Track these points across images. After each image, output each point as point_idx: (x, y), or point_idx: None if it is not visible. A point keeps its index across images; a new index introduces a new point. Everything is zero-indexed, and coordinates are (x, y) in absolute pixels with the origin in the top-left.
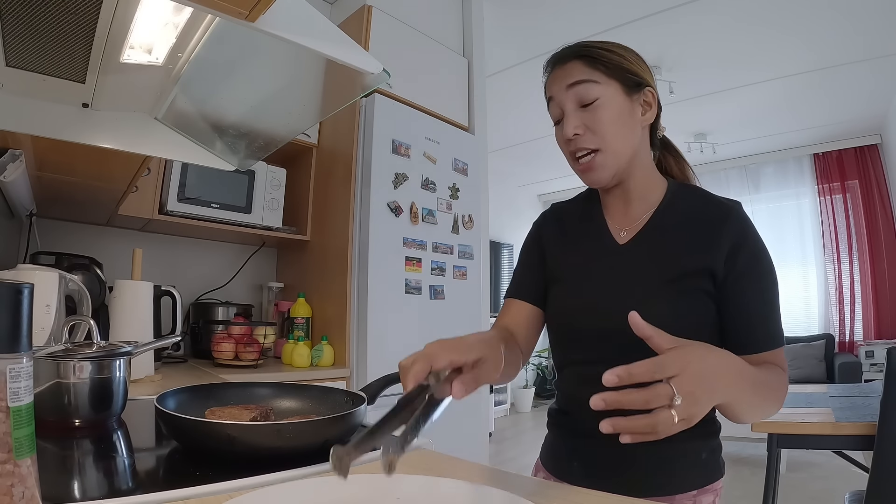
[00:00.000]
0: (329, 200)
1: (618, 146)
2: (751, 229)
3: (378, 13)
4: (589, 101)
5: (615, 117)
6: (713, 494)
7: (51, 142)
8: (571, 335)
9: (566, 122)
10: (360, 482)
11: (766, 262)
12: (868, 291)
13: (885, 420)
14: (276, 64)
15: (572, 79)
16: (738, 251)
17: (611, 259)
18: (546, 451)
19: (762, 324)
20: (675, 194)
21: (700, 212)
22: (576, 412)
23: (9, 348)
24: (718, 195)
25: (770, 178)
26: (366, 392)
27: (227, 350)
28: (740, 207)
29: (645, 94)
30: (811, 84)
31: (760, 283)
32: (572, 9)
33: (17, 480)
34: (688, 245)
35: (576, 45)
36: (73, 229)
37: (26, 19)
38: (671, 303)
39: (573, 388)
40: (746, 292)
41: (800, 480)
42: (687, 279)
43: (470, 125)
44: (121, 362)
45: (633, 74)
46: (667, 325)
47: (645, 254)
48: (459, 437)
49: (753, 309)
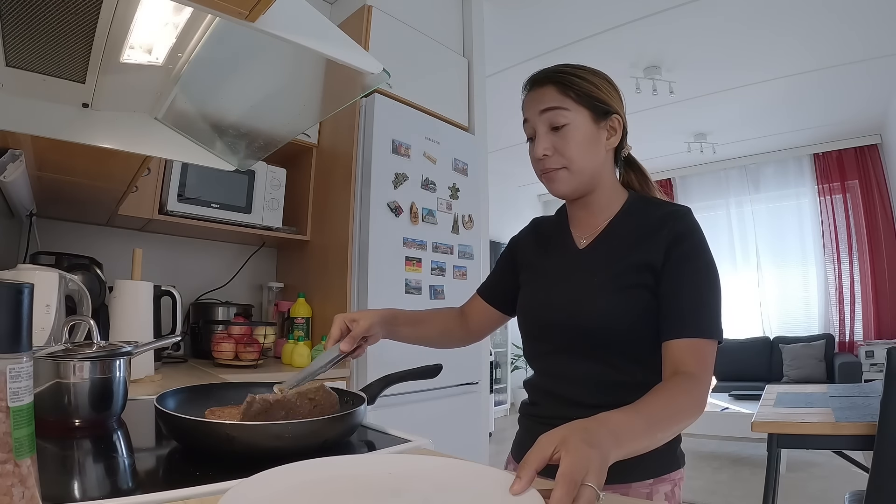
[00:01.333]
0: (329, 200)
1: (581, 166)
2: (692, 229)
3: (378, 13)
4: (559, 125)
5: (581, 141)
6: (671, 484)
7: (51, 142)
8: (535, 329)
9: (538, 142)
10: (353, 462)
11: (704, 259)
12: (868, 291)
13: (885, 420)
14: (276, 64)
15: (544, 105)
16: (676, 246)
17: (570, 262)
18: (516, 443)
19: (691, 311)
20: (632, 205)
21: (649, 217)
22: (540, 402)
23: (9, 348)
24: (672, 202)
25: (770, 178)
26: (366, 392)
27: (227, 350)
28: (687, 211)
29: (611, 120)
30: (811, 84)
31: (695, 276)
32: (572, 9)
33: (17, 480)
34: (633, 246)
35: (551, 70)
36: (73, 229)
37: (26, 19)
38: (615, 297)
39: (538, 382)
40: (678, 280)
41: (800, 480)
42: (630, 275)
43: (470, 125)
44: (121, 362)
45: (601, 102)
46: (612, 316)
47: (598, 256)
48: (459, 436)
49: (684, 296)
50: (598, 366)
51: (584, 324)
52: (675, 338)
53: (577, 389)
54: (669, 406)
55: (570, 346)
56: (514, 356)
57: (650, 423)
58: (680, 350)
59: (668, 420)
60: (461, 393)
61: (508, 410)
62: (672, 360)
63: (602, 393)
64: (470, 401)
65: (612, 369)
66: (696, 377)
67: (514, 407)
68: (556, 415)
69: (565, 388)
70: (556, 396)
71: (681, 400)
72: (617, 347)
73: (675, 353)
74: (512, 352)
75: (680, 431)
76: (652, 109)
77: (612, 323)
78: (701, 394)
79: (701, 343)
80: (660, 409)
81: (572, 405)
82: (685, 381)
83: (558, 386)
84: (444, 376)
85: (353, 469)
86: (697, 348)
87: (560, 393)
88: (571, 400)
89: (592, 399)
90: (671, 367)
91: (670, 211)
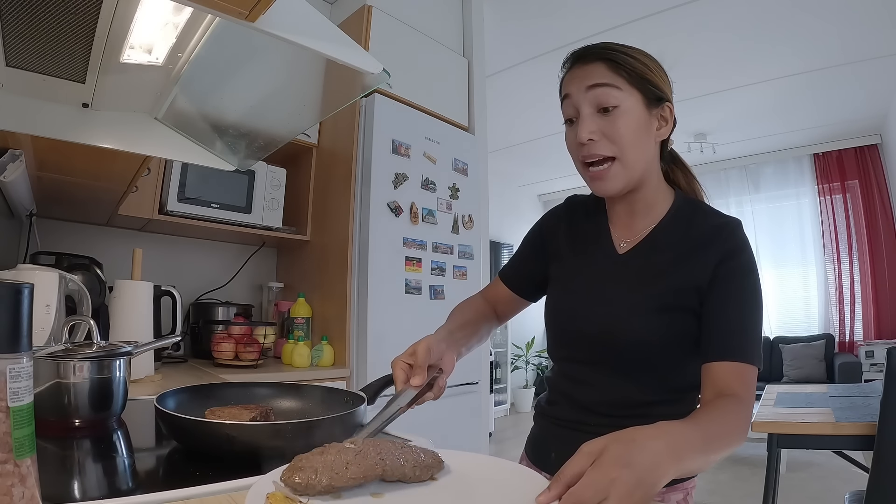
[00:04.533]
0: (329, 200)
1: (633, 158)
2: (743, 247)
3: (378, 13)
4: (608, 106)
5: (634, 128)
6: (683, 492)
7: (51, 142)
8: (561, 334)
9: (581, 124)
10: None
11: (752, 280)
12: (868, 291)
13: (885, 420)
14: (276, 64)
15: (593, 80)
16: (725, 263)
17: (607, 268)
18: (530, 441)
19: (737, 333)
20: (679, 209)
21: (698, 228)
22: (559, 403)
23: (9, 348)
24: (722, 212)
25: (770, 178)
26: (366, 392)
27: (227, 350)
28: (738, 225)
29: (663, 108)
30: (811, 84)
31: (742, 295)
32: (572, 9)
33: (17, 480)
34: (678, 261)
35: (600, 46)
36: (73, 229)
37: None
38: (653, 317)
39: (559, 381)
40: (726, 301)
41: (800, 480)
42: (673, 295)
43: (470, 125)
44: (121, 362)
45: (655, 87)
46: (647, 337)
47: (638, 267)
48: (459, 437)
49: (731, 317)
50: (622, 380)
51: (616, 341)
52: (720, 360)
53: (596, 399)
54: (723, 425)
55: (598, 359)
56: (514, 356)
57: (706, 440)
58: (725, 372)
59: (721, 440)
60: (461, 393)
61: (508, 410)
62: (715, 382)
63: (620, 406)
64: (470, 401)
65: (635, 385)
66: (743, 401)
67: (514, 407)
68: (571, 418)
69: (584, 395)
70: (574, 401)
71: (731, 420)
72: (643, 366)
73: (720, 376)
74: (512, 352)
75: (726, 455)
76: None
77: (645, 344)
78: (747, 418)
79: (745, 368)
80: (715, 427)
81: (588, 412)
82: (734, 403)
83: (577, 391)
84: None
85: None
86: (742, 373)
87: (578, 398)
88: (588, 408)
89: (609, 409)
90: (714, 389)
91: (721, 223)
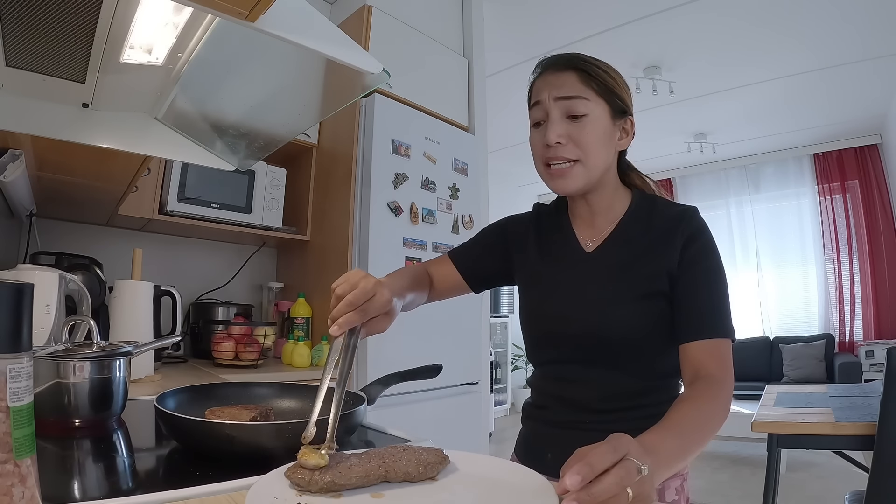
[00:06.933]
0: (329, 200)
1: (594, 163)
2: (703, 229)
3: (378, 13)
4: (577, 114)
5: (599, 135)
6: (680, 479)
7: (51, 142)
8: (543, 338)
9: (550, 127)
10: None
11: (714, 258)
12: (868, 291)
13: (885, 420)
14: (277, 64)
15: (564, 92)
16: (689, 246)
17: (578, 268)
18: (521, 443)
19: (709, 312)
20: (638, 205)
21: (659, 218)
22: (550, 406)
23: (9, 348)
24: (678, 202)
25: (770, 178)
26: (366, 392)
27: (227, 350)
28: (694, 211)
29: (626, 121)
30: (811, 84)
31: (709, 275)
32: (572, 9)
33: (17, 480)
34: (646, 251)
35: (572, 56)
36: (73, 229)
37: (26, 19)
38: (632, 306)
39: (547, 385)
40: (692, 281)
41: (800, 480)
42: (646, 283)
43: (470, 125)
44: (121, 362)
45: (620, 100)
46: (629, 326)
47: (608, 261)
48: (459, 436)
49: (701, 297)
50: (611, 373)
51: (600, 336)
52: (694, 339)
53: (589, 395)
54: (698, 418)
55: (584, 356)
56: (514, 356)
57: (683, 445)
58: (700, 352)
59: (700, 432)
60: (461, 393)
61: (508, 410)
62: (692, 362)
63: (614, 398)
64: (470, 401)
65: (624, 375)
66: (719, 380)
67: (514, 407)
68: (566, 418)
69: (576, 393)
70: (566, 401)
71: (707, 408)
72: (631, 355)
73: (696, 356)
74: (512, 352)
75: (712, 439)
76: (652, 109)
77: (629, 333)
78: (726, 397)
79: (719, 343)
80: (689, 424)
81: (583, 410)
82: (709, 386)
83: (568, 391)
84: (444, 376)
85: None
86: (716, 349)
87: (571, 398)
88: (582, 405)
89: (603, 404)
90: (692, 370)
91: (680, 211)
